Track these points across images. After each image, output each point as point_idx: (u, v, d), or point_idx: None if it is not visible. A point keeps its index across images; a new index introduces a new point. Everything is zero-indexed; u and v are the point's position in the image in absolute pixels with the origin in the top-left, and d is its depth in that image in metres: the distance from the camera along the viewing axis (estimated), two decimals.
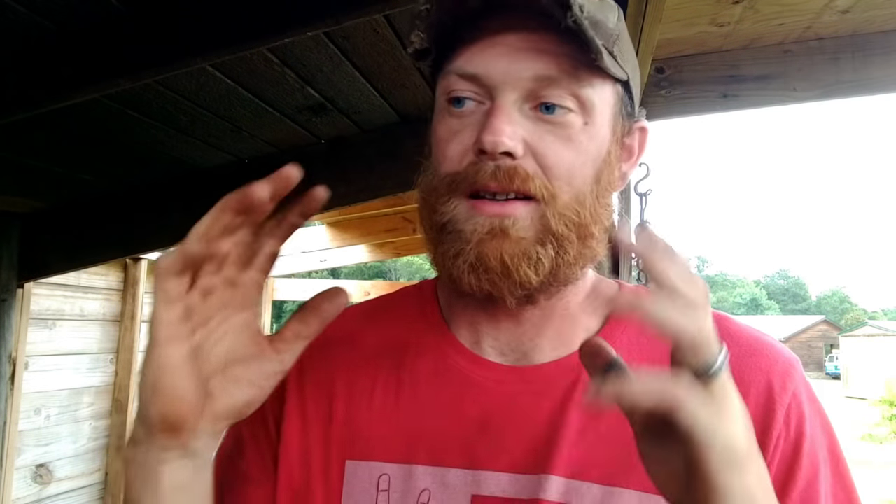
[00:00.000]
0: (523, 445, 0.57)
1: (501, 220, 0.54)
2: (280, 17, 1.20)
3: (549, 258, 0.54)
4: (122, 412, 3.00)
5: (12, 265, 2.24)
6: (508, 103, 0.54)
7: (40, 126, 1.65)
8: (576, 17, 0.50)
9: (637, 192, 1.51)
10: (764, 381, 0.57)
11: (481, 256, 0.54)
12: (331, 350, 0.66)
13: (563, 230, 0.55)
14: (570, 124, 0.55)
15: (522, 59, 0.54)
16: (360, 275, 25.55)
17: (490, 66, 0.54)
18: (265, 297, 4.38)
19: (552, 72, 0.53)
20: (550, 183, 0.54)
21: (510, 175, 0.53)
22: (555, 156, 0.54)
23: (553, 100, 0.54)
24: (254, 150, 2.06)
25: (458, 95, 0.56)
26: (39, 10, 1.21)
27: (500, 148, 0.52)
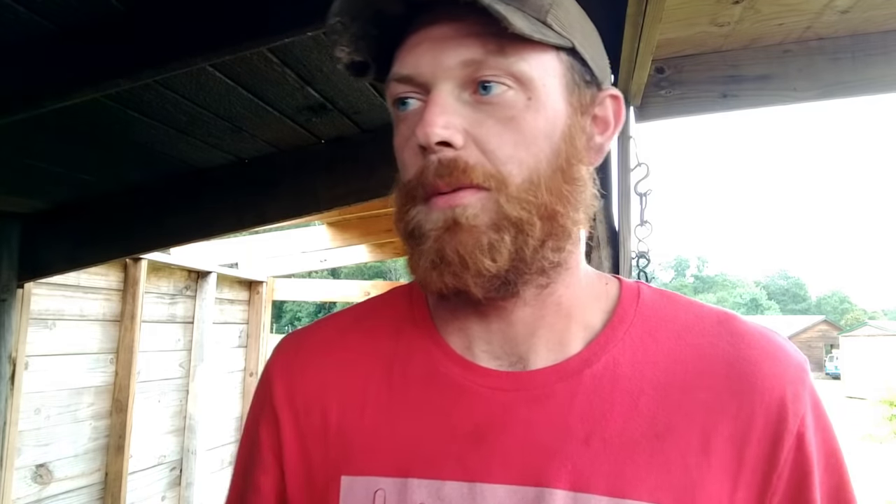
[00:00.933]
0: (522, 456, 0.54)
1: (452, 211, 0.52)
2: (280, 17, 1.20)
3: (506, 244, 0.53)
4: (122, 412, 3.00)
5: (12, 265, 2.24)
6: (443, 94, 0.53)
7: (40, 126, 1.65)
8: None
9: (637, 193, 1.51)
10: (778, 389, 0.55)
11: (440, 252, 0.53)
12: (320, 360, 0.65)
13: (520, 214, 0.53)
14: (510, 103, 0.53)
15: (447, 48, 0.53)
16: (360, 275, 25.54)
17: (418, 63, 0.54)
18: (265, 297, 4.38)
19: (477, 54, 0.52)
20: (497, 169, 0.53)
21: (450, 168, 0.52)
22: (497, 139, 0.53)
23: (489, 77, 0.53)
24: (254, 150, 2.06)
25: (400, 97, 0.56)
26: (39, 10, 1.21)
27: (434, 139, 0.51)
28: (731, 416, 0.55)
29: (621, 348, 0.58)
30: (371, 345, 0.64)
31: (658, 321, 0.60)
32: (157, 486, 3.41)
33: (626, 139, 1.55)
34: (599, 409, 0.55)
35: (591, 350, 0.58)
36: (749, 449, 0.54)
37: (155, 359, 3.35)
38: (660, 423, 0.55)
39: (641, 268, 1.45)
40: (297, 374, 0.64)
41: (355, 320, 0.68)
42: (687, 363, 0.57)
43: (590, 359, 0.58)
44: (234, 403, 4.18)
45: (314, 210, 2.10)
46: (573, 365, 0.58)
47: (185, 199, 2.17)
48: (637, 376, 0.57)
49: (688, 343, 0.58)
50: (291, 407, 0.63)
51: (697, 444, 0.54)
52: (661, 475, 0.53)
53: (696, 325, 0.60)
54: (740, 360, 0.57)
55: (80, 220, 2.24)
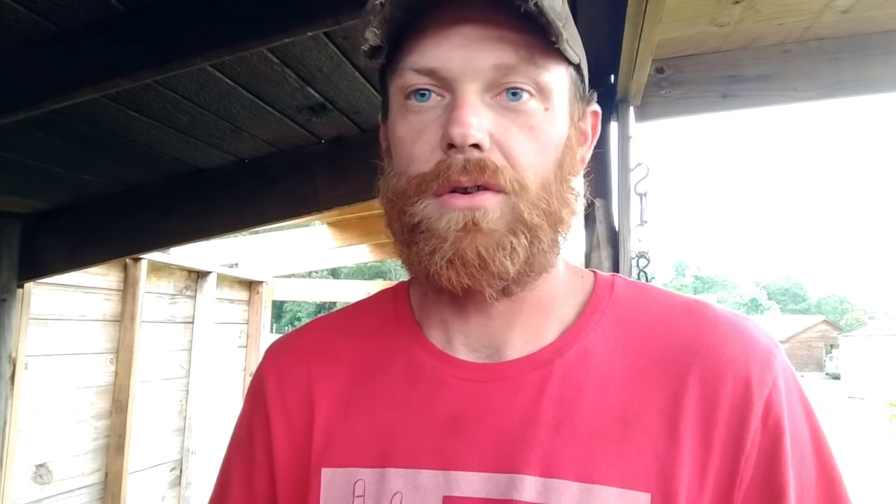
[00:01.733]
0: (495, 444, 0.56)
1: (473, 213, 0.53)
2: (280, 17, 1.20)
3: (523, 248, 0.54)
4: (122, 412, 3.00)
5: (12, 265, 2.24)
6: (472, 95, 0.53)
7: (40, 126, 1.65)
8: (536, 1, 0.50)
9: (637, 193, 1.51)
10: (742, 371, 0.56)
11: (458, 251, 0.53)
12: (308, 361, 0.67)
13: (535, 220, 0.55)
14: (532, 112, 0.55)
15: (480, 48, 0.53)
16: (360, 275, 25.54)
17: (448, 59, 0.53)
18: (265, 297, 4.38)
19: (511, 59, 0.53)
20: (519, 174, 0.54)
21: (480, 167, 0.53)
22: (520, 147, 0.54)
23: (519, 84, 0.54)
24: (254, 150, 2.06)
25: (419, 88, 0.55)
26: (39, 10, 1.21)
27: (470, 140, 0.52)
28: (698, 401, 0.55)
29: (592, 338, 0.60)
30: (356, 345, 0.66)
31: (629, 312, 0.62)
32: (157, 486, 3.41)
33: (626, 139, 1.55)
34: (570, 397, 0.57)
35: (562, 340, 0.60)
36: (717, 433, 0.54)
37: (155, 359, 3.35)
38: (629, 411, 0.56)
39: (641, 268, 1.45)
40: (287, 376, 0.66)
41: (341, 322, 0.70)
42: (655, 351, 0.59)
43: (561, 348, 0.60)
44: (234, 403, 4.18)
45: (314, 210, 2.10)
46: (545, 355, 0.59)
47: (185, 198, 2.17)
48: (607, 365, 0.58)
49: (657, 332, 0.60)
50: (283, 407, 0.65)
51: (666, 430, 0.55)
52: (631, 461, 0.54)
53: (666, 314, 0.61)
54: (706, 346, 0.58)
55: (80, 220, 2.24)
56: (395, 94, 0.58)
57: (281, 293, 4.64)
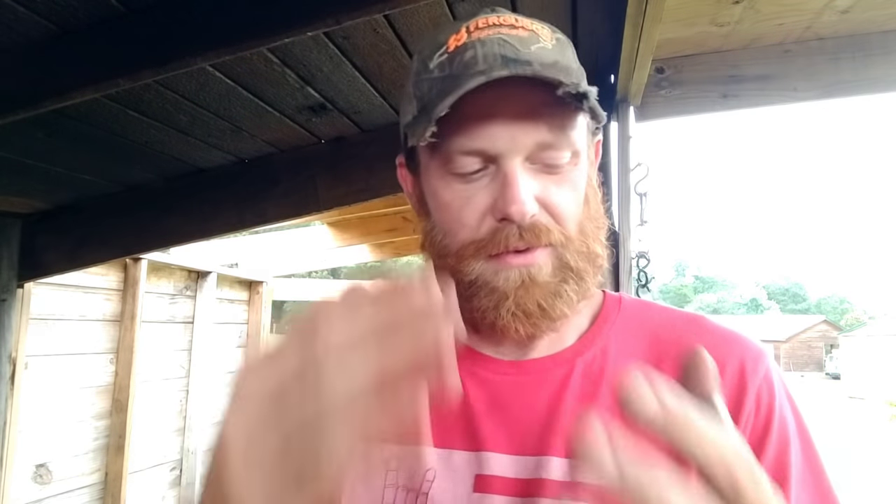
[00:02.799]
0: (524, 429, 0.61)
1: (528, 270, 0.59)
2: (280, 17, 1.20)
3: (574, 291, 0.61)
4: (122, 412, 3.00)
5: (12, 265, 2.24)
6: (519, 169, 0.58)
7: (40, 126, 1.65)
8: (591, 105, 0.56)
9: (637, 193, 1.51)
10: (737, 362, 0.63)
11: (520, 305, 0.59)
12: None
13: (580, 265, 0.61)
14: (567, 169, 0.61)
15: (522, 127, 0.58)
16: (361, 275, 25.53)
17: (494, 139, 0.58)
18: (265, 297, 4.38)
19: (549, 136, 0.58)
20: (564, 228, 0.60)
21: (535, 233, 0.59)
22: (562, 204, 0.60)
23: (557, 161, 0.60)
24: (254, 150, 2.06)
25: (468, 171, 0.59)
26: (39, 10, 1.21)
27: (527, 218, 0.58)
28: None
29: (607, 342, 0.67)
30: None
31: (637, 321, 0.69)
32: (157, 486, 3.41)
33: (626, 139, 1.55)
34: (590, 390, 0.63)
35: (581, 343, 0.67)
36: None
37: (155, 359, 3.35)
38: None
39: (641, 268, 1.45)
40: None
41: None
42: (663, 354, 0.65)
43: (581, 349, 0.66)
44: None
45: (314, 210, 2.10)
46: (567, 354, 0.66)
47: (185, 198, 2.17)
48: (621, 362, 0.65)
49: (662, 337, 0.67)
50: None
51: None
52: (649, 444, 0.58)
53: (669, 324, 0.69)
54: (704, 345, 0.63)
55: (80, 220, 2.24)
56: (439, 167, 0.61)
57: (281, 293, 4.63)
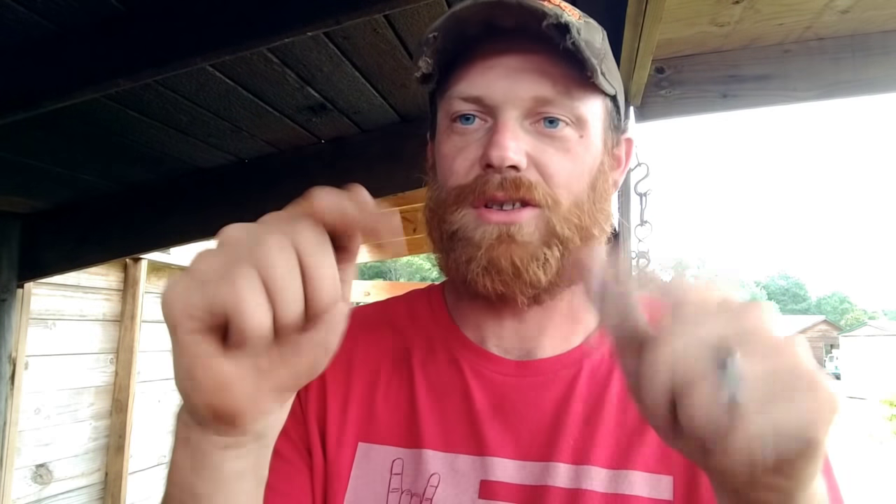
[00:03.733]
0: (529, 434, 0.60)
1: (508, 227, 0.58)
2: (280, 17, 1.20)
3: (555, 259, 0.59)
4: (122, 412, 3.00)
5: (12, 265, 2.24)
6: (511, 120, 0.58)
7: (40, 126, 1.65)
8: (574, 40, 0.55)
9: (637, 192, 1.51)
10: None
11: (492, 260, 0.58)
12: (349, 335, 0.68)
13: (567, 233, 0.59)
14: (567, 138, 0.60)
15: (522, 80, 0.58)
16: (361, 275, 25.53)
17: (491, 88, 0.59)
18: None
19: (549, 93, 0.58)
20: (553, 190, 0.59)
21: (516, 184, 0.58)
22: (555, 166, 0.59)
23: (555, 114, 0.59)
24: (254, 150, 2.06)
25: (464, 113, 0.60)
26: (39, 10, 1.21)
27: (507, 162, 0.57)
28: None
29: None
30: (394, 333, 0.70)
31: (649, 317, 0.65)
32: (157, 486, 3.41)
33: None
34: (597, 393, 0.62)
35: (595, 339, 0.65)
36: None
37: (155, 359, 3.35)
38: None
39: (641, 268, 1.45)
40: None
41: (379, 312, 0.74)
42: None
43: (589, 351, 0.65)
44: None
45: None
46: (574, 356, 0.64)
47: (185, 199, 2.17)
48: None
49: None
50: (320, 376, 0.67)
51: None
52: (655, 448, 0.58)
53: None
54: None
55: (80, 220, 2.24)
56: (443, 117, 0.63)
57: None
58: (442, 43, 0.59)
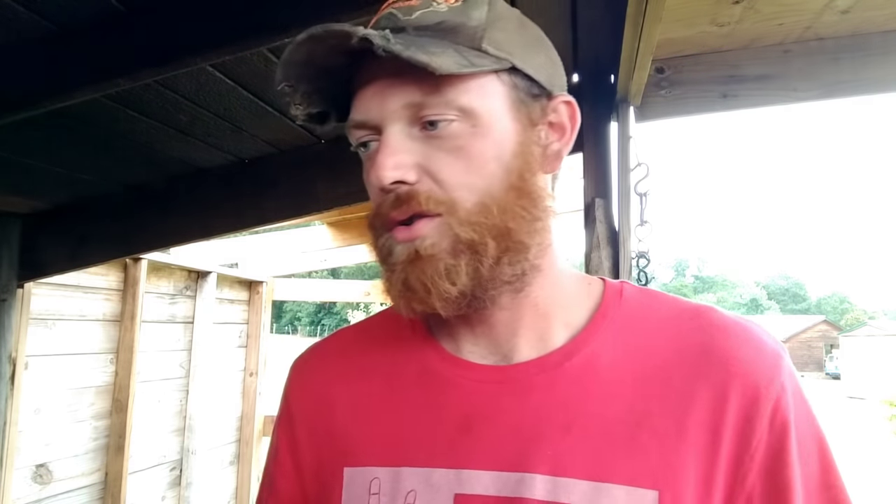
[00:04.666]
0: (506, 444, 0.58)
1: (412, 244, 0.57)
2: (280, 17, 1.20)
3: (461, 267, 0.56)
4: (122, 412, 3.00)
5: (12, 265, 2.24)
6: (392, 136, 0.57)
7: (40, 126, 1.65)
8: (385, 48, 0.52)
9: (637, 193, 1.51)
10: (751, 374, 0.57)
11: (405, 281, 0.57)
12: (328, 366, 0.71)
13: (471, 236, 0.56)
14: (457, 134, 0.56)
15: (390, 93, 0.56)
16: (360, 275, 25.53)
17: (369, 109, 0.58)
18: (265, 297, 4.38)
19: (416, 97, 0.56)
20: (448, 195, 0.56)
21: (407, 199, 0.56)
22: (447, 169, 0.56)
23: (431, 116, 0.56)
24: (254, 150, 2.06)
25: (362, 140, 0.60)
26: (39, 10, 1.21)
27: (386, 181, 0.56)
28: (706, 402, 0.57)
29: (601, 342, 0.62)
30: (373, 352, 0.69)
31: (639, 316, 0.63)
32: (157, 486, 3.41)
33: (626, 139, 1.55)
34: (578, 399, 0.59)
35: (572, 345, 0.62)
36: (725, 433, 0.56)
37: (155, 359, 3.35)
38: (637, 411, 0.57)
39: (641, 268, 1.44)
40: (308, 385, 0.71)
41: (360, 332, 0.74)
42: (664, 354, 0.60)
43: (570, 352, 0.61)
44: (234, 403, 4.18)
45: (314, 210, 2.10)
46: (554, 358, 0.61)
47: (185, 199, 2.17)
48: (616, 368, 0.60)
49: (666, 335, 0.61)
50: (304, 412, 0.70)
51: (674, 430, 0.56)
52: (639, 460, 0.56)
53: (675, 318, 0.63)
54: (715, 349, 0.59)
55: (80, 220, 2.24)
56: (354, 148, 0.63)
57: (281, 293, 4.63)
58: (308, 85, 0.59)
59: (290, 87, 0.58)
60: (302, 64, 0.56)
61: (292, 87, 0.58)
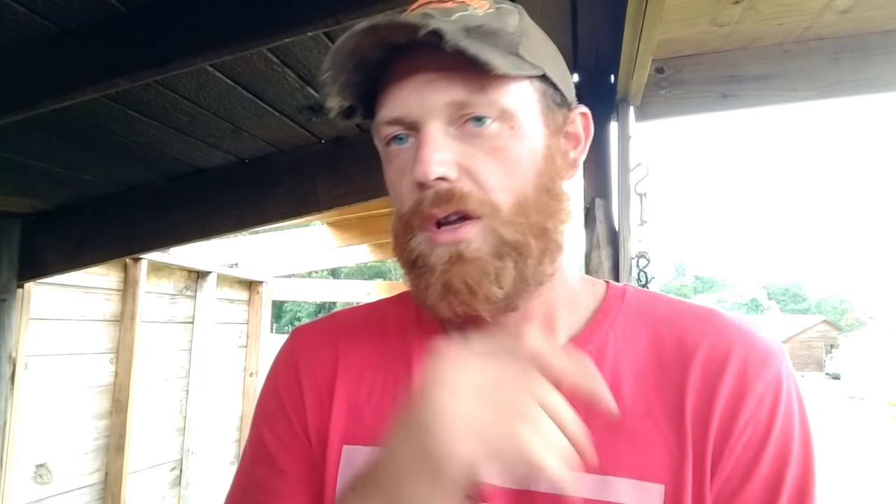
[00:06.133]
0: None
1: (456, 246, 0.56)
2: (280, 17, 1.20)
3: (509, 269, 0.57)
4: (122, 412, 3.00)
5: (12, 265, 2.24)
6: (433, 132, 0.56)
7: (40, 126, 1.65)
8: (453, 44, 0.52)
9: (637, 193, 1.51)
10: (739, 364, 0.59)
11: (446, 284, 0.57)
12: (337, 339, 0.70)
13: (516, 237, 0.57)
14: (496, 135, 0.57)
15: (432, 89, 0.56)
16: (360, 275, 25.56)
17: (407, 105, 0.57)
18: (265, 297, 4.38)
19: (462, 95, 0.56)
20: (488, 196, 0.57)
21: (448, 196, 0.56)
22: (487, 170, 0.57)
23: (477, 113, 0.57)
24: (254, 150, 2.06)
25: (395, 135, 0.59)
26: (39, 10, 1.21)
27: (431, 176, 0.55)
28: (698, 395, 0.59)
29: (604, 340, 0.63)
30: (381, 337, 0.69)
31: (640, 316, 0.65)
32: (157, 486, 3.41)
33: (626, 139, 1.55)
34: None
35: (576, 342, 0.63)
36: (711, 426, 0.57)
37: (155, 359, 3.35)
38: (640, 406, 0.59)
39: (641, 268, 1.44)
40: (315, 350, 0.70)
41: (366, 316, 0.73)
42: (665, 351, 0.62)
43: (577, 348, 0.62)
44: (234, 403, 4.18)
45: (314, 210, 2.10)
46: None
47: (185, 198, 2.17)
48: (618, 364, 0.61)
49: (665, 334, 0.63)
50: (313, 378, 0.68)
51: (675, 424, 0.58)
52: (644, 454, 0.57)
53: (674, 317, 0.64)
54: (710, 345, 0.61)
55: (80, 220, 2.24)
56: (379, 144, 0.62)
57: (281, 293, 4.64)
58: (346, 77, 0.58)
59: (332, 78, 0.58)
60: (349, 53, 0.56)
61: (334, 77, 0.58)
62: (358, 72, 0.58)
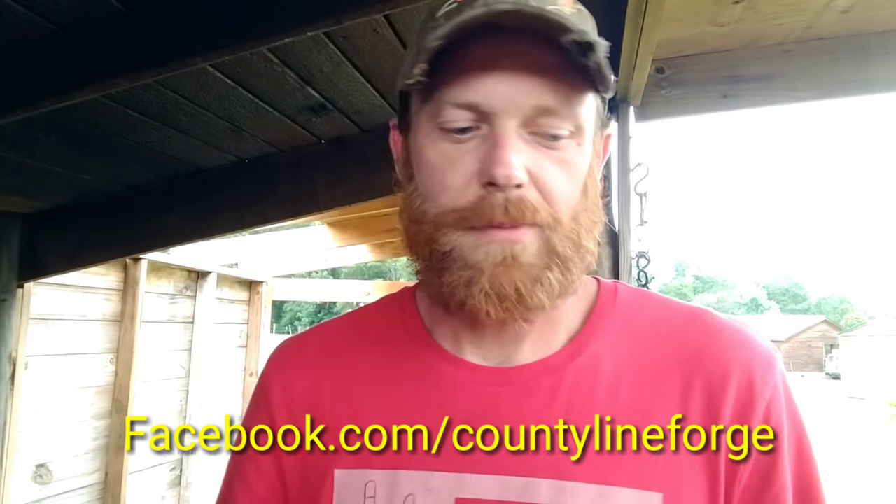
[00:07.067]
0: (508, 447, 0.57)
1: (512, 247, 0.54)
2: (280, 17, 1.20)
3: (557, 280, 0.55)
4: (122, 412, 3.00)
5: (12, 265, 2.24)
6: (512, 132, 0.53)
7: (40, 126, 1.65)
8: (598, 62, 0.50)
9: (637, 193, 1.51)
10: (746, 372, 0.58)
11: (495, 285, 0.54)
12: (315, 362, 0.67)
13: (567, 252, 0.56)
14: (566, 147, 0.55)
15: (522, 85, 0.53)
16: (360, 275, 25.54)
17: (490, 93, 0.53)
18: (265, 297, 4.38)
19: (551, 101, 0.53)
20: (554, 209, 0.55)
21: (520, 208, 0.53)
22: (555, 183, 0.55)
23: (555, 131, 0.54)
24: (254, 150, 2.06)
25: (459, 126, 0.54)
26: (39, 10, 1.21)
27: (513, 181, 0.52)
28: (704, 403, 0.58)
29: (600, 344, 0.62)
30: (365, 349, 0.66)
31: (634, 317, 0.64)
32: (157, 486, 3.41)
33: (626, 139, 1.55)
34: (581, 401, 0.58)
35: (573, 346, 0.61)
36: (721, 434, 0.57)
37: (155, 359, 3.35)
38: (638, 412, 0.58)
39: (641, 268, 1.45)
40: (291, 377, 0.67)
41: (348, 327, 0.70)
42: (662, 355, 0.60)
43: (572, 355, 0.61)
44: (234, 403, 4.18)
45: (314, 210, 2.10)
46: (557, 360, 0.61)
47: (185, 198, 2.17)
48: (616, 370, 0.60)
49: (662, 337, 0.62)
50: (287, 407, 0.65)
51: (675, 432, 0.57)
52: (644, 463, 0.56)
53: (670, 318, 0.64)
54: (712, 351, 0.60)
55: (80, 220, 2.24)
56: (428, 120, 0.56)
57: (281, 293, 4.63)
58: (441, 45, 0.52)
59: (441, 45, 0.52)
60: (458, 25, 0.51)
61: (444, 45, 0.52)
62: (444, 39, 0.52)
